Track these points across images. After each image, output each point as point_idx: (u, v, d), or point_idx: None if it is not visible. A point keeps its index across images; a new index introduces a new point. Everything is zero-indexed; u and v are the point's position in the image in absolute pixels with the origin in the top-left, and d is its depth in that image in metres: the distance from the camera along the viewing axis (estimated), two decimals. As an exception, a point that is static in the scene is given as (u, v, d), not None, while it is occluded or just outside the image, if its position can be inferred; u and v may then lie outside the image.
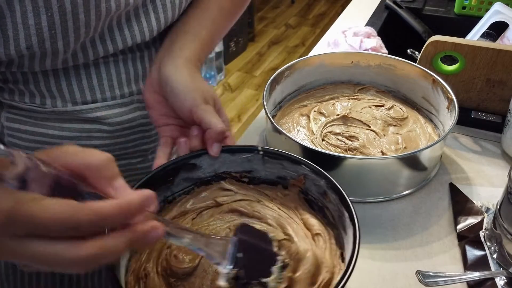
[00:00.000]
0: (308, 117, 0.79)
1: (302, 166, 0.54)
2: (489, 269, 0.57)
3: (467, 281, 0.56)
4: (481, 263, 0.58)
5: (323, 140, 0.73)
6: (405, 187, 0.69)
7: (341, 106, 0.81)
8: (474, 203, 0.66)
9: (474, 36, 1.02)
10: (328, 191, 0.52)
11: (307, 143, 0.73)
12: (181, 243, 0.41)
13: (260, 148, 0.56)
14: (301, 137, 0.75)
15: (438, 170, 0.74)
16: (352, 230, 0.46)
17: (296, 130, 0.77)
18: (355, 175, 0.66)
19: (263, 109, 0.72)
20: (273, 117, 0.80)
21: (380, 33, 1.04)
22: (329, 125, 0.76)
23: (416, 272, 0.55)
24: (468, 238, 0.61)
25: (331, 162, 0.65)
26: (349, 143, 0.73)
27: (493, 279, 0.56)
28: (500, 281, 0.55)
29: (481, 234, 0.61)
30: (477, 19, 1.04)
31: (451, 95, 0.72)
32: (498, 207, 0.58)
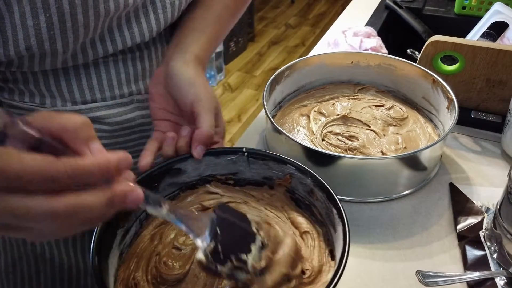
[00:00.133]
0: (308, 117, 0.79)
1: (288, 166, 0.54)
2: (489, 269, 0.57)
3: (467, 281, 0.56)
4: (481, 263, 0.58)
5: (323, 140, 0.73)
6: (405, 187, 0.69)
7: (341, 106, 0.81)
8: (474, 203, 0.66)
9: (474, 36, 1.02)
10: (315, 189, 0.52)
11: (307, 143, 0.73)
12: (159, 213, 0.40)
13: (244, 150, 0.56)
14: (301, 137, 0.75)
15: (438, 170, 0.74)
16: (342, 227, 0.46)
17: (296, 130, 0.77)
18: (355, 175, 0.66)
19: (263, 109, 0.72)
20: (273, 117, 0.80)
21: (380, 33, 1.04)
22: (329, 125, 0.76)
23: (416, 272, 0.55)
24: (468, 238, 0.61)
25: (331, 162, 0.65)
26: (349, 143, 0.73)
27: (493, 279, 0.56)
28: (500, 281, 0.55)
29: (481, 234, 0.61)
30: (477, 19, 1.04)
31: (451, 95, 0.72)
32: (498, 207, 0.58)
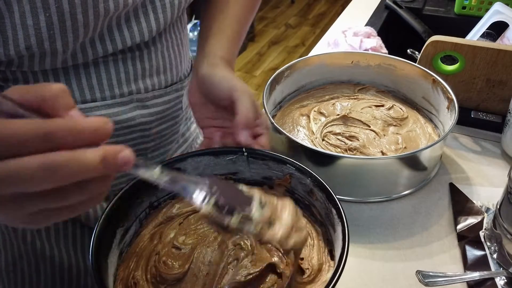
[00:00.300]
0: (308, 117, 0.79)
1: (288, 166, 0.54)
2: (489, 269, 0.57)
3: (467, 281, 0.56)
4: (481, 263, 0.58)
5: (323, 140, 0.73)
6: (405, 187, 0.69)
7: (341, 106, 0.81)
8: (474, 203, 0.66)
9: (474, 36, 1.02)
10: (315, 189, 0.52)
11: (307, 143, 0.73)
12: (151, 176, 0.38)
13: (244, 149, 0.56)
14: (301, 137, 0.75)
15: (438, 170, 0.74)
16: (341, 227, 0.46)
17: (296, 130, 0.77)
18: (355, 175, 0.66)
19: (263, 109, 0.72)
20: (273, 117, 0.80)
21: (380, 33, 1.04)
22: (329, 125, 0.76)
23: (416, 272, 0.55)
24: (468, 238, 0.61)
25: (331, 162, 0.65)
26: (349, 143, 0.73)
27: (493, 279, 0.56)
28: (500, 281, 0.55)
29: (481, 234, 0.61)
30: (477, 19, 1.04)
31: (451, 95, 0.72)
32: (498, 207, 0.58)
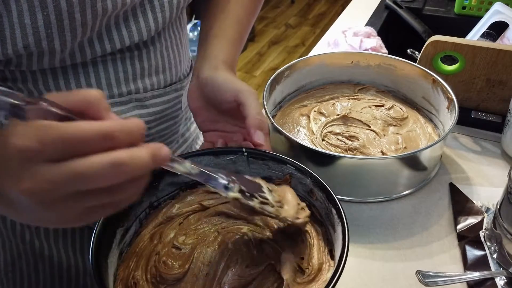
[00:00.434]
0: (308, 117, 0.79)
1: (288, 166, 0.54)
2: (489, 269, 0.57)
3: (467, 281, 0.56)
4: (481, 263, 0.58)
5: (323, 140, 0.73)
6: (405, 187, 0.69)
7: (341, 106, 0.81)
8: (474, 203, 0.66)
9: (474, 36, 1.02)
10: (315, 189, 0.52)
11: (307, 143, 0.73)
12: (185, 169, 0.41)
13: (244, 149, 0.56)
14: (301, 137, 0.75)
15: (438, 170, 0.74)
16: (341, 227, 0.46)
17: (296, 130, 0.77)
18: (355, 175, 0.66)
19: (263, 109, 0.72)
20: (273, 117, 0.80)
21: (380, 33, 1.04)
22: (329, 125, 0.76)
23: (416, 272, 0.55)
24: (468, 238, 0.61)
25: (331, 162, 0.65)
26: (349, 143, 0.72)
27: (493, 279, 0.56)
28: (500, 281, 0.55)
29: (481, 234, 0.61)
30: (477, 19, 1.04)
31: (451, 95, 0.72)
32: (498, 207, 0.58)
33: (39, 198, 0.32)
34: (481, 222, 0.63)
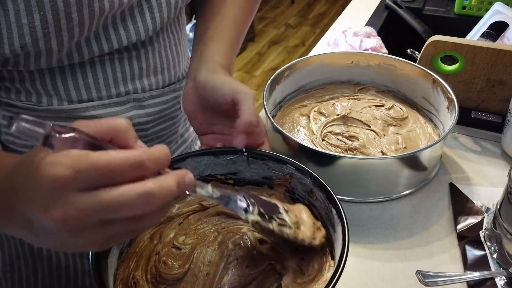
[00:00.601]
0: (308, 117, 0.79)
1: (288, 166, 0.54)
2: (489, 269, 0.57)
3: (467, 281, 0.56)
4: (481, 263, 0.58)
5: (323, 140, 0.73)
6: (405, 187, 0.69)
7: (341, 106, 0.81)
8: (474, 203, 0.66)
9: (474, 36, 1.02)
10: (315, 189, 0.52)
11: (307, 143, 0.73)
12: (207, 193, 0.42)
13: (244, 149, 0.56)
14: (301, 137, 0.75)
15: (438, 170, 0.74)
16: (341, 227, 0.46)
17: (296, 130, 0.77)
18: (355, 175, 0.66)
19: (263, 109, 0.72)
20: (273, 117, 0.80)
21: (380, 33, 1.04)
22: (329, 125, 0.76)
23: (416, 272, 0.55)
24: (468, 238, 0.61)
25: (331, 162, 0.65)
26: (349, 143, 0.72)
27: (493, 279, 0.55)
28: (500, 281, 0.55)
29: (481, 234, 0.61)
30: (477, 19, 1.04)
31: (451, 95, 0.72)
32: (498, 207, 0.58)
33: (69, 226, 0.33)
34: (481, 222, 0.63)
